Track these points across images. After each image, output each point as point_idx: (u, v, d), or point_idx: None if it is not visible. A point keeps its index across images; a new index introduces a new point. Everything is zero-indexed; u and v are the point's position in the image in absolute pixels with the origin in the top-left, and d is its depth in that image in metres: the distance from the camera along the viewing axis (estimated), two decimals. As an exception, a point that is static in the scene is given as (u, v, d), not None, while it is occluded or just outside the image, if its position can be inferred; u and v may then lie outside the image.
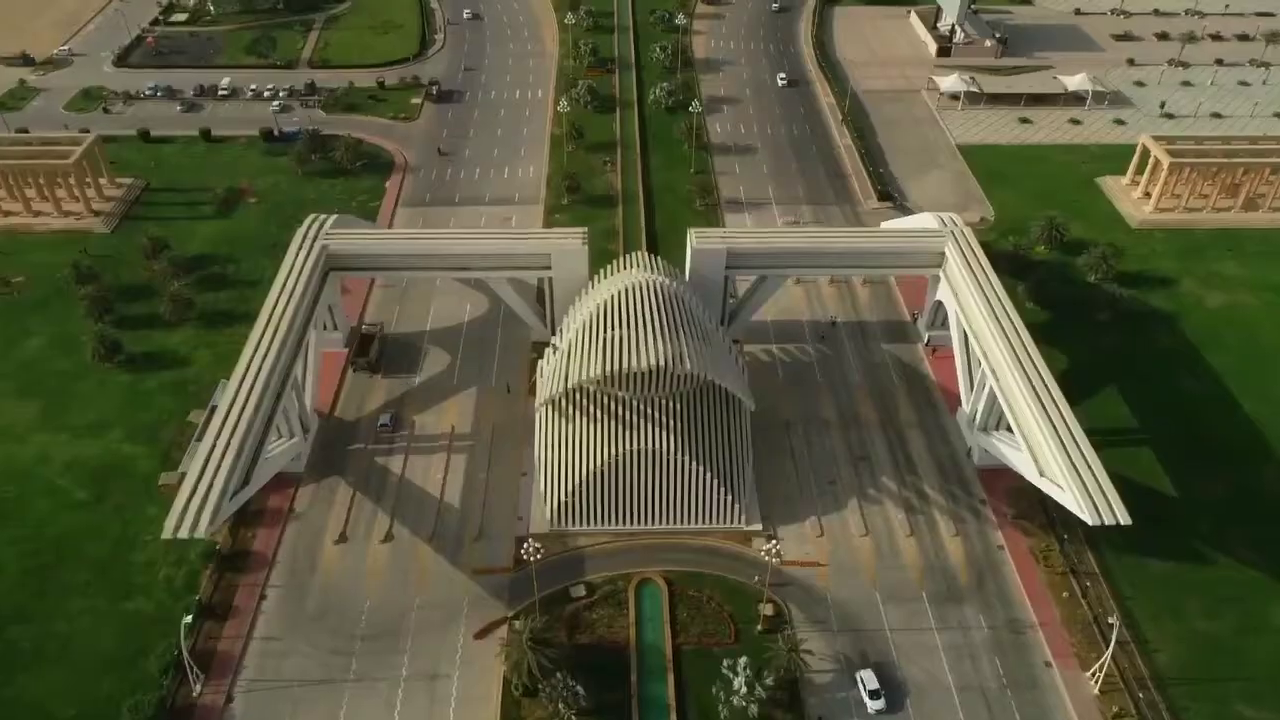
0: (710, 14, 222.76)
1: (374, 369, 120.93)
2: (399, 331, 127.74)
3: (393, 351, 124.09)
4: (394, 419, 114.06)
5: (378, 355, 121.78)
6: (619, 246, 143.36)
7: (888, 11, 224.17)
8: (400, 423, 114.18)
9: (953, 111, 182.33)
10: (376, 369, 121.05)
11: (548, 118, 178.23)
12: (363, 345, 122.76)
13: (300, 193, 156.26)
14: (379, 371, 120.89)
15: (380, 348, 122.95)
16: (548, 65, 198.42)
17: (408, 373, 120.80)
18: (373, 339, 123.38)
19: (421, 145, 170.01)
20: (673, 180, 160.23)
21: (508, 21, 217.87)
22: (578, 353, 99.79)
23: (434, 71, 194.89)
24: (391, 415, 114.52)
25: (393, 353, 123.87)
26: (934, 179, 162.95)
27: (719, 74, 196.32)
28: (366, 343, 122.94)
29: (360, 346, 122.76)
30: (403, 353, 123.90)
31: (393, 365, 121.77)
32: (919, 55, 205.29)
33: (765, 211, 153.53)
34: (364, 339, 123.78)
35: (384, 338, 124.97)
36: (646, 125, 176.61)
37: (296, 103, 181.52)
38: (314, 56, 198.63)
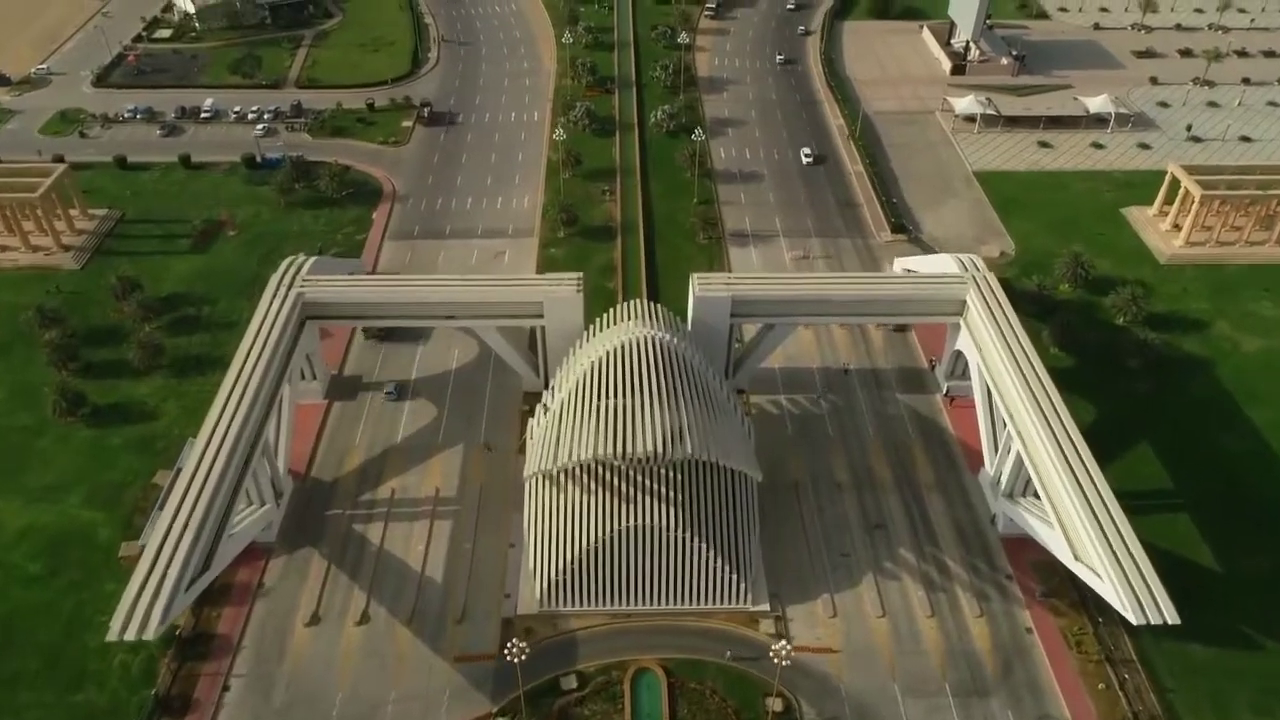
0: (714, 29, 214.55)
1: (384, 337, 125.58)
2: (384, 379, 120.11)
3: (379, 404, 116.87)
4: (399, 387, 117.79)
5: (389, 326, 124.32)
6: (617, 283, 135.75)
7: (898, 27, 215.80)
8: (406, 390, 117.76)
9: (968, 134, 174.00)
10: (386, 337, 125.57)
11: (544, 142, 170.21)
12: None
13: (282, 224, 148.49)
14: (389, 339, 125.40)
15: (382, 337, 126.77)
16: (545, 84, 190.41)
17: (389, 433, 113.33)
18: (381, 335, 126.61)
19: (411, 172, 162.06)
20: (675, 210, 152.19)
21: (504, 38, 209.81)
22: (569, 422, 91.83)
23: (426, 91, 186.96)
24: (396, 385, 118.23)
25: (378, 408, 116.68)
26: (950, 209, 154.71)
27: (723, 94, 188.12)
28: None
29: None
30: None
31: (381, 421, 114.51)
32: (932, 73, 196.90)
33: (773, 245, 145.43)
34: None
35: None
36: (647, 150, 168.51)
37: (282, 126, 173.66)
38: (301, 76, 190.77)
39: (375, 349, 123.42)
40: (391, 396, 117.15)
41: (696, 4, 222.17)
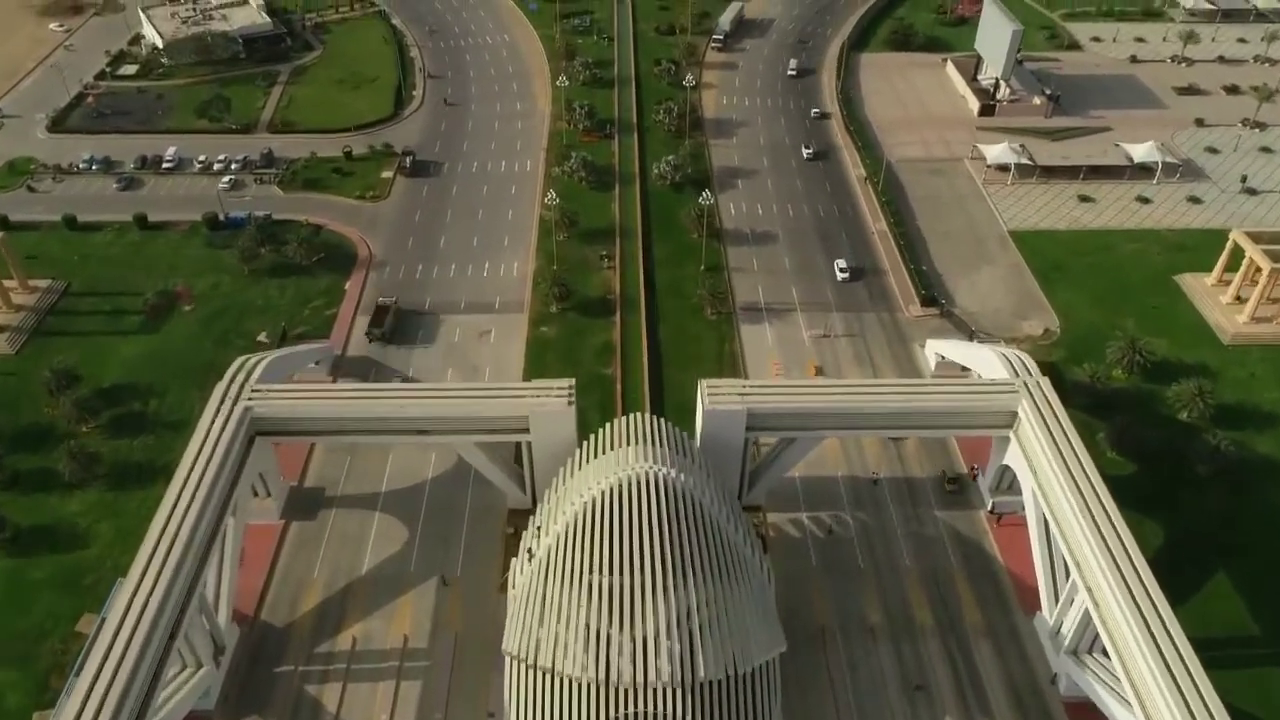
0: (721, 62, 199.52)
1: (388, 339, 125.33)
2: (348, 493, 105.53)
3: (344, 523, 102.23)
4: None
5: (392, 327, 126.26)
6: (616, 369, 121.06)
7: (920, 60, 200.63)
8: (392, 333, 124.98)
9: (1001, 186, 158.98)
10: (390, 339, 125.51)
11: (536, 196, 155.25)
12: (378, 316, 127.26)
13: (245, 296, 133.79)
14: (392, 341, 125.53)
15: (395, 319, 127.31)
16: (538, 128, 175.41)
17: (354, 560, 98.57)
18: (388, 309, 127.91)
19: (390, 233, 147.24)
20: (680, 279, 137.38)
21: (495, 74, 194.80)
22: (555, 589, 76.79)
23: (409, 136, 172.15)
24: None
25: (344, 525, 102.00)
26: (985, 276, 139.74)
27: (732, 138, 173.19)
28: (382, 313, 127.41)
29: (375, 317, 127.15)
30: (357, 524, 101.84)
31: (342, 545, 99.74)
32: (958, 114, 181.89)
33: (789, 321, 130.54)
34: (379, 309, 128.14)
35: (399, 309, 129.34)
36: (649, 205, 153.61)
37: (250, 177, 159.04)
38: (275, 118, 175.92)
39: (340, 458, 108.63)
40: None
41: (703, 34, 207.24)
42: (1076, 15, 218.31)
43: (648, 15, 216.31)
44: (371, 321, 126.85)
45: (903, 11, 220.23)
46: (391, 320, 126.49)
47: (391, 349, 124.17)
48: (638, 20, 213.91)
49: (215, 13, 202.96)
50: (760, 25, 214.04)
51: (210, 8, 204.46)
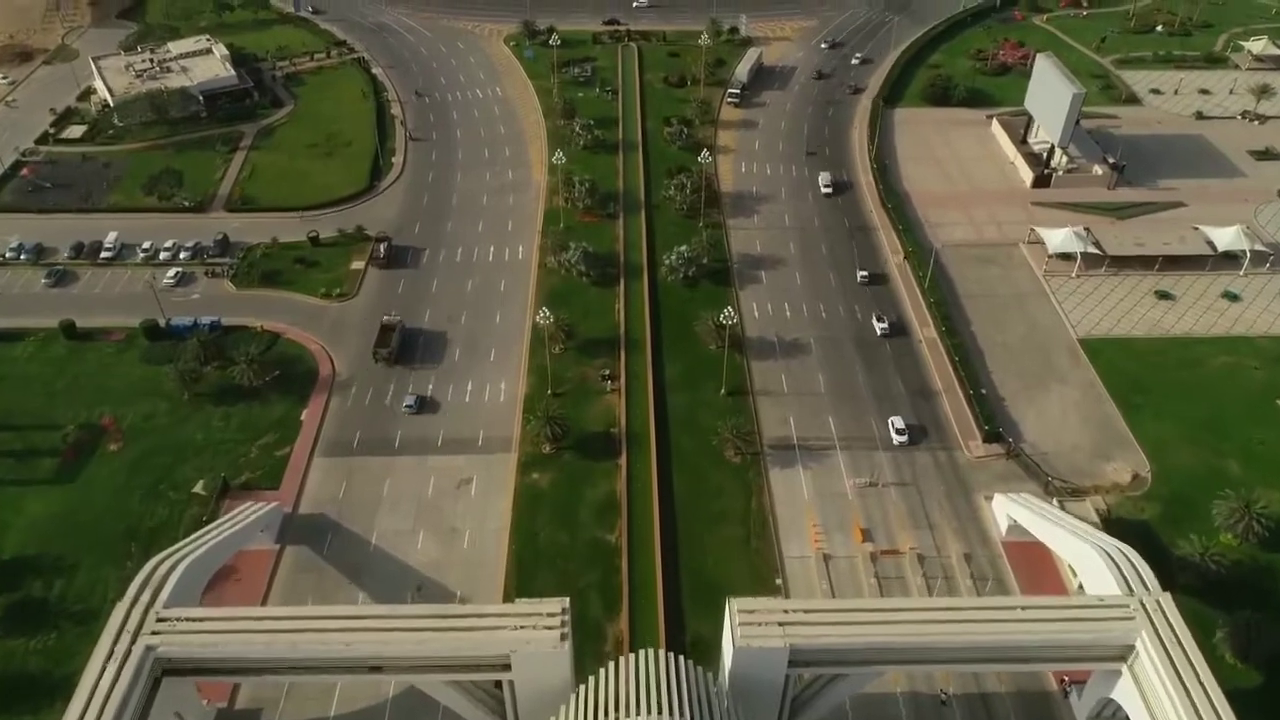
0: (739, 120, 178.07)
1: (394, 360, 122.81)
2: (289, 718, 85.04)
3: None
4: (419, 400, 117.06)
5: (398, 345, 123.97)
6: (622, 535, 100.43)
7: (961, 117, 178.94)
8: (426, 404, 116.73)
9: (1065, 279, 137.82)
10: (397, 360, 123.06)
11: (529, 293, 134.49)
12: (383, 336, 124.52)
13: (183, 430, 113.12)
14: (399, 362, 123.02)
15: (401, 338, 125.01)
16: (533, 203, 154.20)
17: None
18: (393, 329, 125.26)
19: (358, 342, 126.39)
20: (696, 407, 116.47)
21: (485, 135, 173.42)
22: None
23: (386, 214, 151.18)
24: (417, 397, 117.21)
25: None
26: (1055, 400, 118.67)
27: (753, 217, 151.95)
28: (387, 333, 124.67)
29: (381, 337, 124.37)
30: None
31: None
32: (1009, 185, 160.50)
33: (827, 464, 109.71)
34: (385, 329, 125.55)
35: (404, 328, 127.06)
36: (659, 305, 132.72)
37: (201, 269, 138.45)
38: (234, 192, 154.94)
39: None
40: (411, 410, 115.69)
41: (717, 85, 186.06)
42: (1131, 62, 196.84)
43: (655, 64, 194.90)
44: (377, 342, 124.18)
45: (938, 58, 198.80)
46: (398, 339, 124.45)
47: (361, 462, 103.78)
48: (644, 69, 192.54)
49: (175, 64, 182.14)
50: (780, 74, 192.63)
51: (169, 58, 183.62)
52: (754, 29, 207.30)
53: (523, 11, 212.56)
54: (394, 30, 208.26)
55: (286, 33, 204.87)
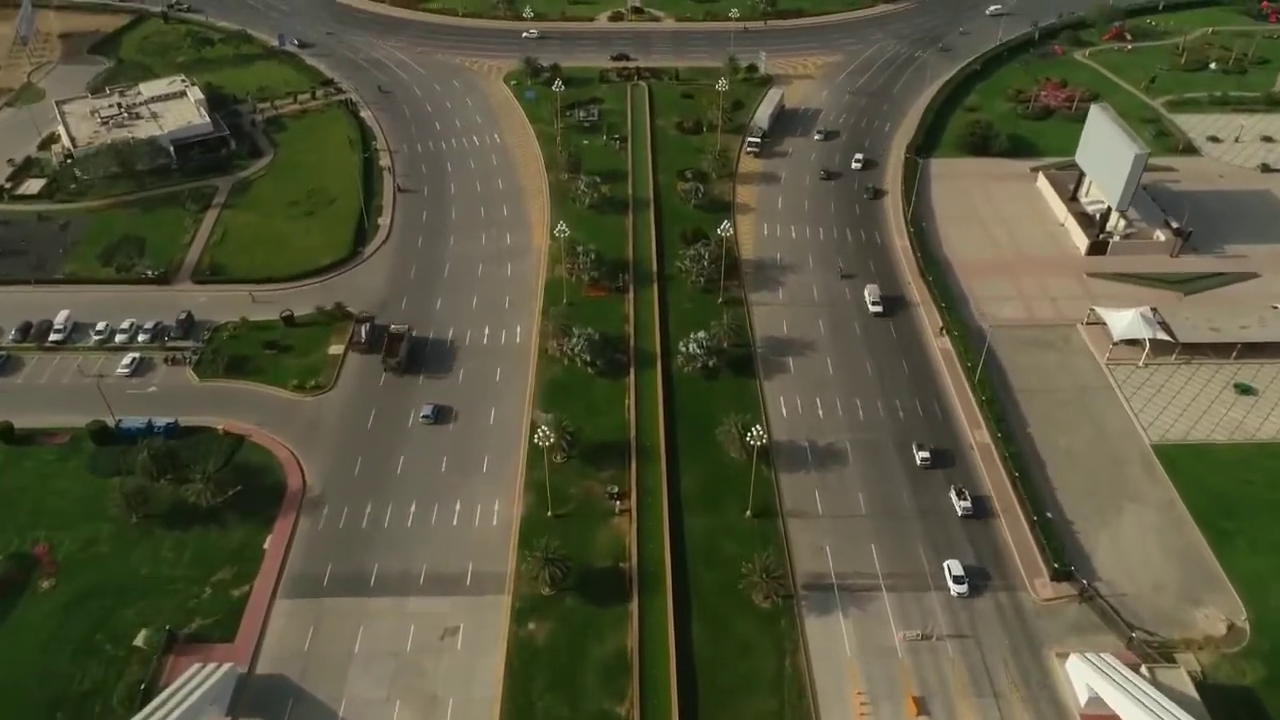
0: (759, 173, 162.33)
1: (403, 369, 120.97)
2: None
3: None
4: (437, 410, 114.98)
5: (406, 354, 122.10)
6: (632, 707, 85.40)
7: (1002, 169, 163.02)
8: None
9: (1132, 369, 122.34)
10: (406, 369, 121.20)
11: (528, 386, 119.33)
12: (391, 345, 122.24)
13: (126, 563, 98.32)
14: (408, 371, 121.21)
15: (409, 346, 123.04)
16: (533, 273, 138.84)
17: None
18: (401, 337, 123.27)
19: (332, 448, 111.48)
20: (718, 534, 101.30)
21: (482, 190, 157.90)
22: None
23: (370, 286, 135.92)
24: (434, 407, 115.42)
25: None
26: (1131, 524, 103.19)
27: (778, 290, 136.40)
28: (395, 342, 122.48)
29: (389, 346, 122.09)
30: None
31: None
32: (1061, 251, 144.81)
33: (872, 610, 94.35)
34: (392, 338, 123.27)
35: (413, 336, 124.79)
36: (674, 402, 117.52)
37: (161, 355, 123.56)
38: (202, 260, 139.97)
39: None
40: (429, 420, 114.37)
41: (734, 132, 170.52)
42: (1185, 104, 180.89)
43: (668, 105, 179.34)
44: (386, 351, 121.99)
45: (974, 99, 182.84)
46: (406, 347, 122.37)
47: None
48: (655, 112, 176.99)
49: (145, 108, 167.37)
50: (803, 118, 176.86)
51: (139, 102, 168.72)
52: (774, 66, 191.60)
53: (524, 45, 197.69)
54: (386, 66, 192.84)
55: (270, 70, 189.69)
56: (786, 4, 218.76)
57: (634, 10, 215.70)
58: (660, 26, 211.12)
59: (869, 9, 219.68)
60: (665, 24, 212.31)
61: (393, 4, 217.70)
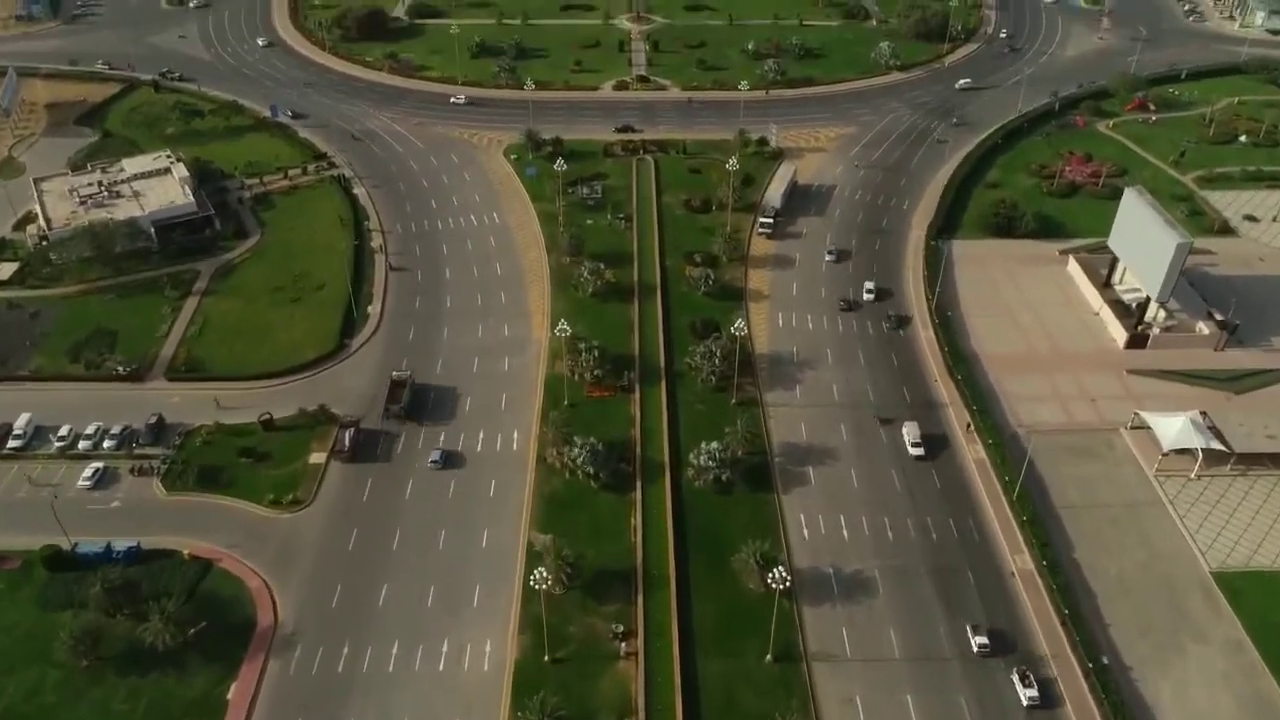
0: (772, 256, 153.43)
1: (406, 415, 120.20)
2: None
3: None
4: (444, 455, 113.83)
5: (409, 400, 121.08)
6: None
7: (1029, 252, 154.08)
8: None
9: (1184, 481, 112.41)
10: (409, 416, 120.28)
11: (525, 502, 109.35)
12: (394, 392, 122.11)
13: (74, 716, 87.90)
14: (412, 419, 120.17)
15: (412, 393, 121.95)
16: (531, 370, 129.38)
17: None
18: (404, 384, 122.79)
19: (310, 575, 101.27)
20: (735, 682, 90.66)
21: (479, 275, 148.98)
22: None
23: (357, 384, 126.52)
24: (442, 453, 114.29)
25: None
26: (1195, 670, 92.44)
27: (795, 389, 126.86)
28: (398, 390, 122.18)
29: (392, 393, 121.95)
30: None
31: None
32: (1097, 345, 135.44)
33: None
34: (395, 385, 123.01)
35: (414, 383, 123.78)
36: (685, 520, 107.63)
37: (127, 464, 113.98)
38: (178, 354, 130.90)
39: None
40: (437, 465, 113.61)
41: (745, 211, 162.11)
42: (1216, 180, 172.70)
43: (675, 182, 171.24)
44: (389, 398, 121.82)
45: (995, 174, 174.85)
46: (409, 394, 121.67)
47: None
48: (662, 188, 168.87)
49: (127, 186, 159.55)
50: (817, 196, 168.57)
51: (121, 180, 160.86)
52: (785, 139, 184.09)
53: (524, 116, 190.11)
54: (381, 139, 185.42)
55: (260, 142, 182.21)
56: (796, 72, 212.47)
57: (639, 79, 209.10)
58: (666, 96, 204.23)
59: (883, 76, 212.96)
60: (671, 93, 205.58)
61: (390, 73, 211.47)
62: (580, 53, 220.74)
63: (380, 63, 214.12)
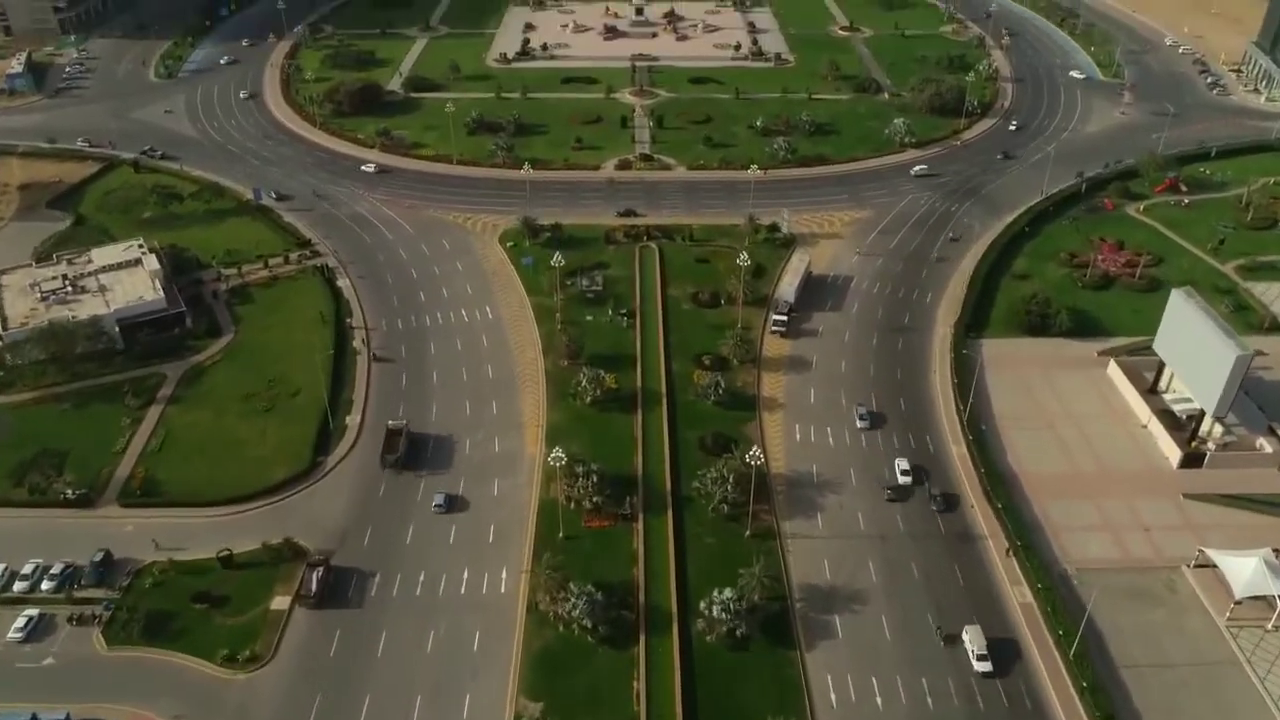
0: (787, 358, 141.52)
1: (403, 465, 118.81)
2: None
3: None
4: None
5: (405, 449, 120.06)
6: None
7: (1066, 351, 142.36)
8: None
9: (1259, 632, 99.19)
10: (406, 465, 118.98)
11: (512, 660, 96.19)
12: (390, 442, 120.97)
13: None
14: (408, 468, 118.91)
15: (407, 442, 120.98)
16: (524, 493, 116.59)
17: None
18: (400, 433, 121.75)
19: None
20: None
21: (468, 380, 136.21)
22: None
23: (331, 508, 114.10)
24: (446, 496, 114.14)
25: None
26: None
27: (816, 517, 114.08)
28: (394, 439, 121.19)
29: (388, 443, 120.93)
30: None
31: None
32: (1148, 463, 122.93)
33: None
34: (390, 434, 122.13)
35: (410, 433, 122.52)
36: (695, 683, 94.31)
37: (66, 610, 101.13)
38: (134, 474, 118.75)
39: None
40: (441, 510, 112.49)
41: (757, 306, 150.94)
42: (1260, 270, 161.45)
43: (681, 271, 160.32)
44: (384, 448, 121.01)
45: (1023, 263, 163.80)
46: (405, 443, 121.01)
47: None
48: (667, 279, 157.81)
49: (93, 279, 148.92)
50: (834, 288, 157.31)
51: (88, 272, 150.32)
52: (797, 223, 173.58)
53: (521, 197, 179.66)
54: (370, 224, 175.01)
55: (242, 227, 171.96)
56: (807, 149, 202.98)
57: (642, 158, 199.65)
58: (671, 176, 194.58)
59: (898, 154, 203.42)
60: (676, 172, 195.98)
61: (382, 150, 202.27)
62: (581, 129, 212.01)
63: (372, 140, 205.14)
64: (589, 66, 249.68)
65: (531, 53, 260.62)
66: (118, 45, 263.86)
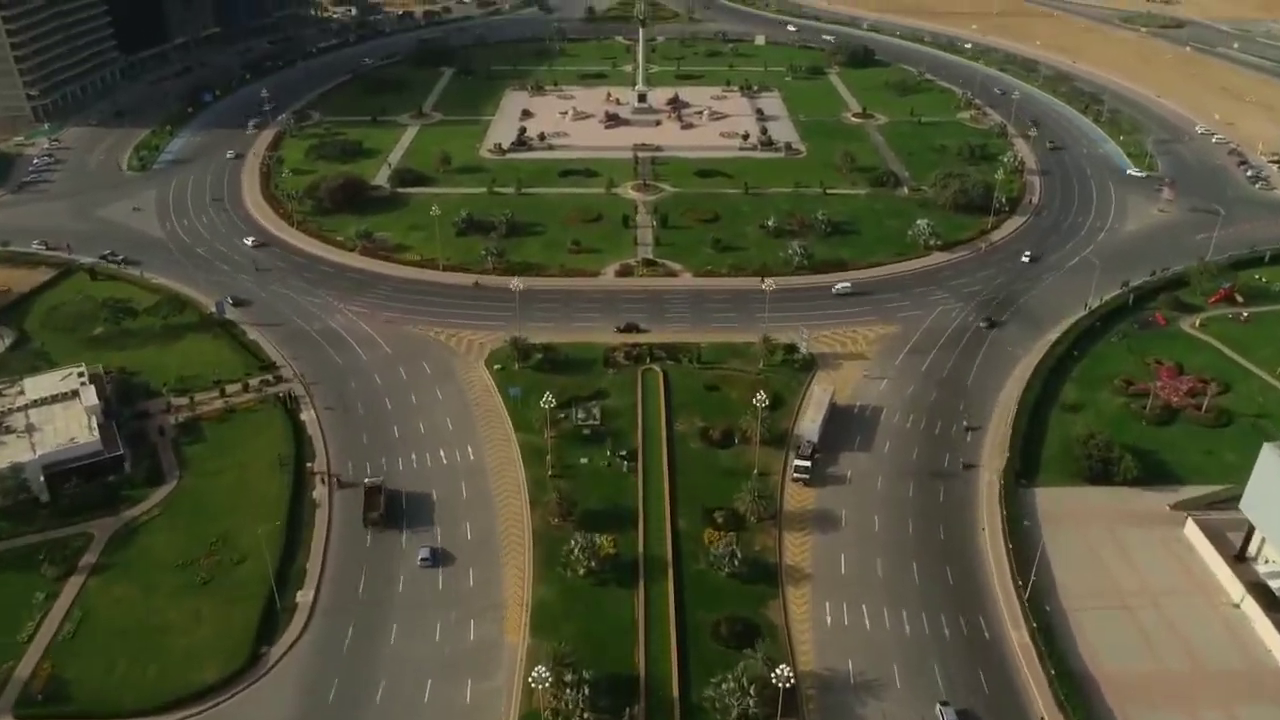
0: (812, 513, 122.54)
1: (384, 523, 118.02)
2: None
3: None
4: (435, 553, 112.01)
5: (386, 506, 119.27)
6: None
7: (1136, 505, 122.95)
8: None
9: None
10: (387, 522, 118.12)
11: None
12: (370, 500, 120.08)
13: None
14: (389, 525, 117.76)
15: (387, 500, 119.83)
16: (500, 704, 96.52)
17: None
18: (379, 490, 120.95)
19: None
20: None
21: (443, 543, 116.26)
22: None
23: (273, 714, 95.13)
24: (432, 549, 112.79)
25: None
26: None
27: (850, 712, 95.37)
28: (374, 496, 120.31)
29: (369, 500, 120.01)
30: None
31: None
32: (1248, 659, 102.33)
33: None
34: (370, 492, 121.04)
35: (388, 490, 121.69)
36: None
37: None
38: (36, 674, 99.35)
39: None
40: (428, 564, 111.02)
41: (774, 445, 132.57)
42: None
43: (689, 400, 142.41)
44: (366, 506, 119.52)
45: (1073, 392, 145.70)
46: (384, 500, 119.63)
47: None
48: (674, 412, 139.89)
49: (21, 416, 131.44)
50: (861, 421, 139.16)
51: (17, 407, 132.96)
52: (816, 342, 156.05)
53: (512, 306, 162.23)
54: (343, 343, 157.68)
55: (200, 346, 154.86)
56: (824, 252, 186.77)
57: (645, 263, 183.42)
58: (677, 283, 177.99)
59: (923, 259, 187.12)
60: (682, 279, 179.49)
61: (362, 254, 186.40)
62: (580, 229, 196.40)
63: (352, 242, 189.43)
64: (589, 157, 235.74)
65: (528, 142, 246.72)
66: (93, 134, 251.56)
